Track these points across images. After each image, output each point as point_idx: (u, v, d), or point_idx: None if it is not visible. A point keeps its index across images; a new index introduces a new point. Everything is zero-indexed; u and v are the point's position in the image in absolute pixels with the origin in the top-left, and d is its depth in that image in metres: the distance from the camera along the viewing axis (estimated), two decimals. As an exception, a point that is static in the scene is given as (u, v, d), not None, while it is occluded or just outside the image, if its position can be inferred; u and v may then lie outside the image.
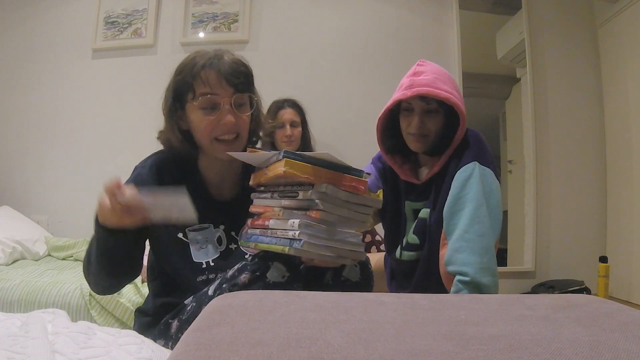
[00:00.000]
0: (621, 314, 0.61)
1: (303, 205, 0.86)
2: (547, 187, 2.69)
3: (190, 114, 1.06)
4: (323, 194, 0.84)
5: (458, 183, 1.21)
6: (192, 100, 1.03)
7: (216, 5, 2.75)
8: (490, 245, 1.18)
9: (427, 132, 1.27)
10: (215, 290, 0.96)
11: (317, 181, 0.84)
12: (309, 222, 0.84)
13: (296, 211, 0.87)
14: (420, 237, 1.31)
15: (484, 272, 1.13)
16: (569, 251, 2.68)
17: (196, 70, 1.02)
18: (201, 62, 1.03)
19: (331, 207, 0.85)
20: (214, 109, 1.03)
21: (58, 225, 2.67)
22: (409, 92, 1.23)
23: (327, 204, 0.85)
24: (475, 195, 1.18)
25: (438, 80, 1.25)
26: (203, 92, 1.02)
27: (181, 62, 1.08)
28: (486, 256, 1.15)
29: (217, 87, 1.02)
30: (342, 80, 2.72)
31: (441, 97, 1.22)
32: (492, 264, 1.16)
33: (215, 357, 0.44)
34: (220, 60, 1.03)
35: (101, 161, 2.70)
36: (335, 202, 0.86)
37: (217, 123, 1.03)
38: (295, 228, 0.84)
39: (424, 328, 0.54)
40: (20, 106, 2.79)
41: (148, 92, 2.67)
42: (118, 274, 1.05)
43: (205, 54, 1.05)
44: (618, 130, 2.62)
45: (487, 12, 2.93)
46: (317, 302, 0.64)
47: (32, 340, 0.68)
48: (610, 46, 2.68)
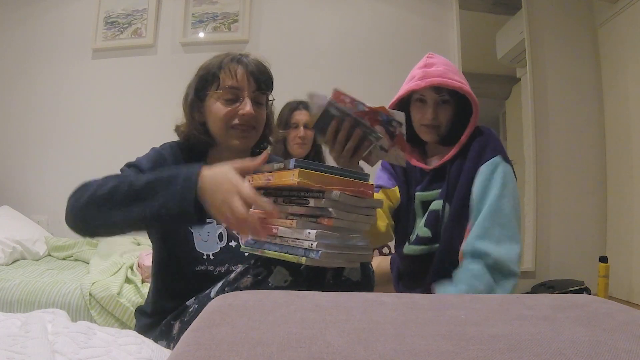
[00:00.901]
0: (621, 314, 0.61)
1: (313, 213, 0.86)
2: (547, 187, 2.69)
3: (211, 104, 1.10)
4: (335, 201, 0.83)
5: (483, 176, 1.22)
6: (216, 90, 1.08)
7: (216, 5, 2.75)
8: (512, 234, 1.22)
9: (439, 122, 1.28)
10: (217, 292, 0.96)
11: (328, 188, 0.84)
12: (325, 232, 0.83)
13: (310, 220, 0.85)
14: (432, 230, 1.29)
15: (507, 259, 1.17)
16: (569, 251, 2.68)
17: (225, 63, 1.08)
18: (229, 57, 1.09)
19: (343, 214, 0.85)
20: (236, 101, 1.08)
21: (58, 225, 2.67)
22: (422, 83, 1.24)
23: (339, 211, 0.84)
24: (499, 189, 1.21)
25: (449, 71, 1.27)
26: (229, 84, 1.07)
27: (207, 61, 1.13)
28: (506, 244, 1.19)
29: (242, 81, 1.08)
30: (342, 80, 2.72)
31: (455, 86, 1.24)
32: (514, 254, 1.20)
33: (215, 357, 0.44)
34: (248, 58, 1.10)
35: (101, 161, 2.70)
36: (346, 208, 0.86)
37: (236, 112, 1.08)
38: (312, 239, 0.82)
39: (424, 328, 0.54)
40: (20, 106, 2.80)
41: (148, 92, 2.71)
42: (120, 233, 0.96)
43: (233, 53, 1.11)
44: (618, 130, 2.62)
45: (487, 12, 2.93)
46: (317, 302, 0.64)
47: (32, 340, 0.68)
48: (610, 46, 2.68)
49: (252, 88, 1.09)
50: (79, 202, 0.88)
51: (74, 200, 0.90)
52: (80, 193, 0.90)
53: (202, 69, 1.12)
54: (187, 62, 1.20)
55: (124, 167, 1.05)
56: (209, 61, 1.12)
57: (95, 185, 0.89)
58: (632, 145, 2.49)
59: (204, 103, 1.11)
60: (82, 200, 0.88)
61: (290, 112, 2.20)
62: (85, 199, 0.87)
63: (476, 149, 1.25)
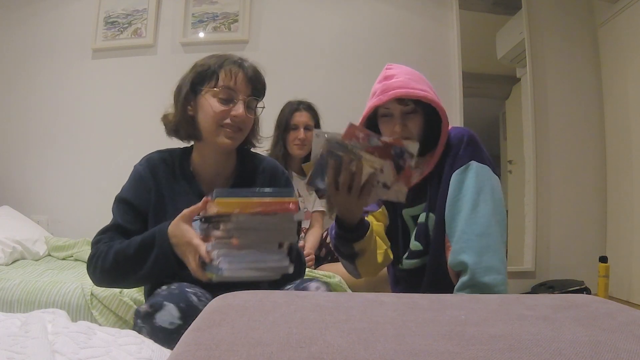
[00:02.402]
0: (621, 314, 0.61)
1: (229, 235, 0.94)
2: (547, 187, 2.69)
3: (204, 100, 1.14)
4: (236, 222, 0.92)
5: (454, 185, 1.20)
6: (212, 88, 1.13)
7: (216, 5, 2.75)
8: (490, 243, 1.16)
9: (409, 134, 1.23)
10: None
11: (247, 211, 0.93)
12: (227, 250, 0.92)
13: (220, 241, 0.94)
14: (422, 243, 1.28)
15: (484, 272, 1.13)
16: (569, 251, 2.68)
17: (226, 64, 1.13)
18: (231, 60, 1.15)
19: (247, 232, 0.93)
20: (230, 102, 1.13)
21: (58, 225, 2.67)
22: (384, 97, 1.21)
23: (245, 230, 0.93)
24: (471, 197, 1.17)
25: (411, 80, 1.23)
26: (227, 84, 1.12)
27: (206, 57, 1.18)
28: (486, 255, 1.14)
29: (240, 85, 1.13)
30: (342, 81, 2.72)
31: (418, 96, 1.20)
32: (495, 262, 1.14)
33: (215, 357, 0.44)
34: (247, 63, 1.17)
35: (101, 161, 2.70)
36: (252, 226, 0.94)
37: (228, 112, 1.12)
38: (215, 257, 0.93)
39: (424, 328, 0.54)
40: (20, 106, 2.79)
41: (148, 92, 2.70)
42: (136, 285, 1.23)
43: (233, 56, 1.17)
44: (618, 130, 2.62)
45: (487, 12, 2.93)
46: (317, 302, 0.64)
47: (32, 340, 0.68)
48: (610, 46, 2.68)
49: (248, 93, 1.14)
50: (97, 276, 1.11)
51: (92, 275, 1.12)
52: (92, 267, 1.10)
53: (199, 65, 1.16)
54: (187, 62, 1.20)
55: (114, 204, 1.17)
56: (207, 58, 1.17)
57: (101, 259, 1.08)
58: (632, 145, 2.49)
59: (198, 97, 1.15)
60: (97, 275, 1.10)
61: (290, 113, 2.18)
62: (99, 273, 1.10)
63: (451, 157, 1.23)
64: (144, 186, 1.16)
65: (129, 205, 1.15)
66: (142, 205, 1.15)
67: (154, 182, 1.16)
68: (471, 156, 1.22)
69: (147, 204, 1.15)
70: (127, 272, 1.07)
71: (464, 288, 1.13)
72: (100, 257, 1.08)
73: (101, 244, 1.10)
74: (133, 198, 1.15)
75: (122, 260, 1.06)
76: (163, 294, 0.97)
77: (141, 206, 1.15)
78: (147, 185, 1.16)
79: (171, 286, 1.01)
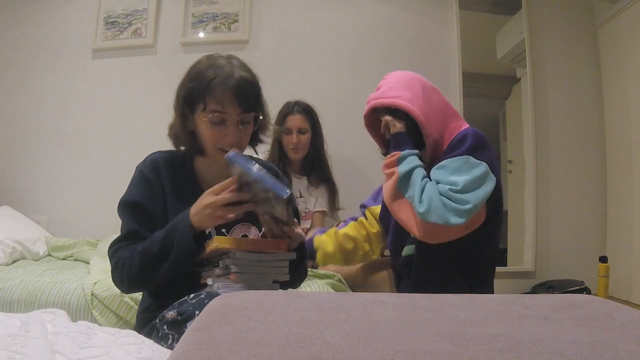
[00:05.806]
0: (621, 314, 0.61)
1: (227, 271, 1.00)
2: (547, 187, 2.69)
3: (199, 123, 1.12)
4: (235, 259, 0.99)
5: (442, 163, 1.30)
6: (202, 112, 1.09)
7: (216, 5, 2.75)
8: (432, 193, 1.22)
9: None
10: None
11: (242, 249, 1.00)
12: (226, 284, 0.99)
13: (220, 277, 1.01)
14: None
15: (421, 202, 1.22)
16: (569, 251, 2.68)
17: (211, 86, 1.07)
18: (215, 77, 1.07)
19: (244, 268, 1.00)
20: (221, 124, 1.10)
21: (58, 225, 2.67)
22: (366, 108, 1.44)
23: (241, 266, 0.99)
24: (451, 167, 1.25)
25: (393, 88, 1.38)
26: (214, 109, 1.08)
27: (194, 66, 1.13)
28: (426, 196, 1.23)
29: (227, 106, 1.08)
30: (341, 81, 2.72)
31: (384, 104, 1.36)
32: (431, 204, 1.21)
33: (215, 357, 0.44)
34: (232, 77, 1.07)
35: (101, 161, 2.70)
36: (249, 263, 1.01)
37: (222, 136, 1.10)
38: (215, 290, 0.99)
39: (424, 328, 0.54)
40: (20, 106, 2.79)
41: (148, 92, 2.70)
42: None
43: (219, 66, 1.09)
44: (618, 130, 2.62)
45: (487, 12, 2.93)
46: (317, 302, 0.64)
47: (32, 340, 0.68)
48: (610, 46, 2.67)
49: (239, 112, 1.09)
50: (124, 285, 1.10)
51: (120, 283, 1.10)
52: (119, 275, 1.08)
53: (191, 78, 1.12)
54: (187, 62, 1.19)
55: (122, 210, 1.13)
56: (197, 71, 1.11)
57: (127, 265, 1.06)
58: (632, 145, 2.49)
59: (194, 116, 1.12)
60: (126, 281, 1.08)
61: (284, 116, 2.17)
62: (127, 281, 1.08)
63: (449, 155, 1.31)
64: (151, 186, 1.13)
65: (140, 208, 1.11)
66: (154, 206, 1.12)
67: (159, 183, 1.14)
68: (468, 151, 1.25)
69: (157, 204, 1.13)
70: (155, 269, 1.04)
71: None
72: (126, 263, 1.06)
73: (122, 250, 1.08)
74: (143, 199, 1.12)
75: (150, 259, 1.04)
76: (193, 303, 0.95)
77: (152, 206, 1.12)
78: (153, 185, 1.14)
79: (200, 295, 0.98)
